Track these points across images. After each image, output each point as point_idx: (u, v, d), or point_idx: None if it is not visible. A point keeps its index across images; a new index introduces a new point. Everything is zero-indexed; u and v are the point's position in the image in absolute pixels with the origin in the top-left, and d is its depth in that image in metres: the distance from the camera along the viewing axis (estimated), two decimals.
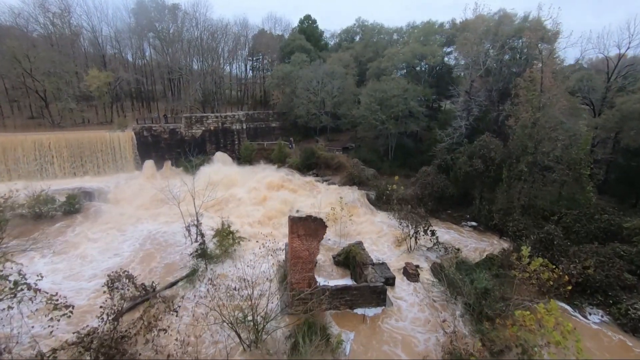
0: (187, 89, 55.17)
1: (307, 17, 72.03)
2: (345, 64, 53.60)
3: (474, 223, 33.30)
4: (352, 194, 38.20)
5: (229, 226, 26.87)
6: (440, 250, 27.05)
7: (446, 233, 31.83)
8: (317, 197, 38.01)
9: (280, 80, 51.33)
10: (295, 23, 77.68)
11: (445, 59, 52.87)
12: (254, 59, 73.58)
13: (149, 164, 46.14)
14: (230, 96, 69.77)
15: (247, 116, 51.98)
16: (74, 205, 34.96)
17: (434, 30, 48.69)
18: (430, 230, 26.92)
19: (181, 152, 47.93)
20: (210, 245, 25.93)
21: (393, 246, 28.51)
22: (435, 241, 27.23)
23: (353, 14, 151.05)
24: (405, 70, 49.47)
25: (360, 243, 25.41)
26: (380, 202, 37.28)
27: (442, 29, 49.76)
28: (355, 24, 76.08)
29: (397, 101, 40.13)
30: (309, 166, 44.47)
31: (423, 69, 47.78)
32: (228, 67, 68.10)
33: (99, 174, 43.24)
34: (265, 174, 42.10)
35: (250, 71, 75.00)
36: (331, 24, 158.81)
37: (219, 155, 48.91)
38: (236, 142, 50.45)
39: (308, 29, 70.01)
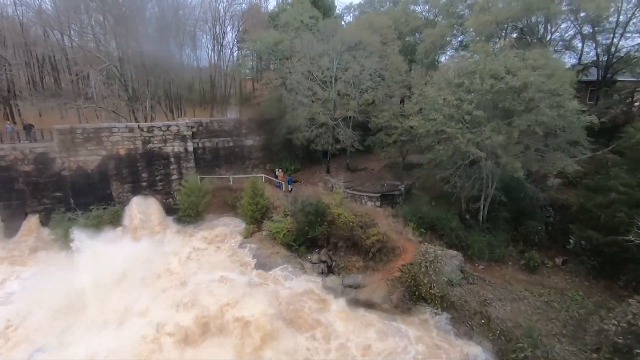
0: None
1: None
2: (379, 32, 29.26)
3: None
4: (426, 345, 13.89)
5: None
6: None
7: None
8: None
9: (259, 58, 27.13)
10: None
11: None
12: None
13: None
14: (207, 94, 45.35)
15: (199, 127, 28.00)
16: None
17: None
18: None
19: (62, 199, 24.31)
20: None
21: None
22: None
23: None
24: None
25: None
26: None
27: None
28: None
29: (540, 98, 15.77)
30: (312, 242, 20.42)
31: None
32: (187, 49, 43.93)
33: None
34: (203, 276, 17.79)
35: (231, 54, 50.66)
36: None
37: (139, 203, 25.07)
38: (174, 177, 26.58)
39: None
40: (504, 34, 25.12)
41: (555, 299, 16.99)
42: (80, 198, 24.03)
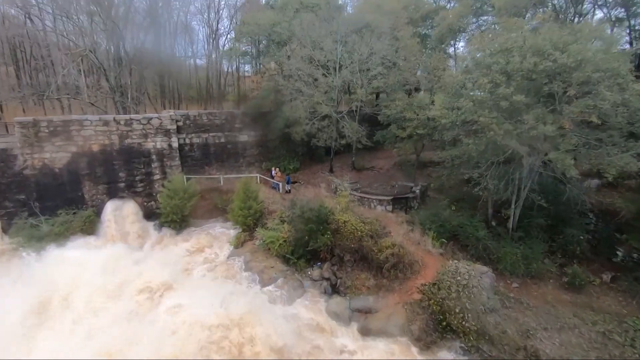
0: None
1: None
2: (390, 16, 26.07)
3: None
4: None
5: None
6: None
7: None
8: None
9: (256, 44, 24.01)
10: None
11: None
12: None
13: None
14: (203, 90, 41.52)
15: (186, 121, 24.86)
16: None
17: None
18: None
19: (26, 202, 21.19)
20: None
21: None
22: None
23: None
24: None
25: None
26: None
27: None
28: None
29: (598, 79, 12.53)
30: (313, 254, 17.23)
31: None
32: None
33: None
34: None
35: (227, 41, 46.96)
36: None
37: (114, 208, 21.92)
38: (157, 177, 23.47)
39: None
40: (531, 13, 21.93)
41: (614, 328, 13.73)
42: (47, 201, 20.89)
